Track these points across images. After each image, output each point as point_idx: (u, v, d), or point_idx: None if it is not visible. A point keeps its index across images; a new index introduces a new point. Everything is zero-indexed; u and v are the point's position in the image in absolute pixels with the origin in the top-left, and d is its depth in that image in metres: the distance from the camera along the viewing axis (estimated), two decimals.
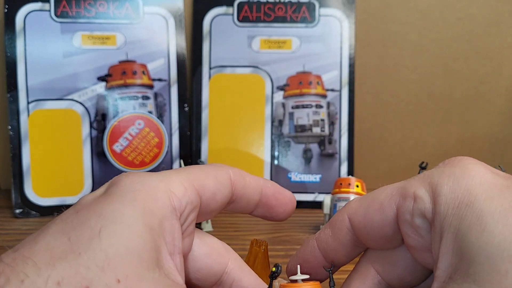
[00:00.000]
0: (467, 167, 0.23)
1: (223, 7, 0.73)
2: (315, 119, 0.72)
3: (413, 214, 0.23)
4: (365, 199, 0.26)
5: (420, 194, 0.23)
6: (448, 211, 0.21)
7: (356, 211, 0.25)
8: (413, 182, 0.24)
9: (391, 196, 0.24)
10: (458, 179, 0.22)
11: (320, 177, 0.72)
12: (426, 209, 0.22)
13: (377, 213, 0.24)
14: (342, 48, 0.72)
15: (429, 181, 0.23)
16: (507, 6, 0.77)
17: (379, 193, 0.25)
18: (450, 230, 0.21)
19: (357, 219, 0.25)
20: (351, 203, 0.26)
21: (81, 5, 0.69)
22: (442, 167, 0.24)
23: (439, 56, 0.78)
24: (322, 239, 0.27)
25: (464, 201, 0.21)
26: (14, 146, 0.66)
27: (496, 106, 0.80)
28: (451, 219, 0.21)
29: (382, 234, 0.25)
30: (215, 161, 0.72)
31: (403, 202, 0.23)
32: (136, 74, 0.69)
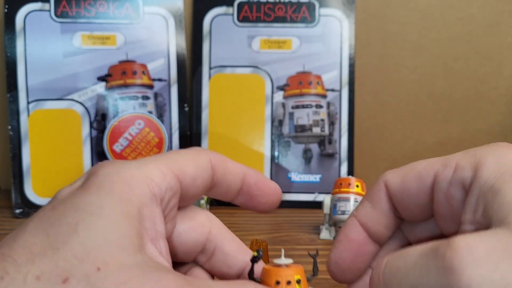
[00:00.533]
0: (506, 145, 0.24)
1: (223, 7, 0.73)
2: (315, 119, 0.72)
3: (451, 182, 0.24)
4: (402, 168, 0.26)
5: (462, 164, 0.24)
6: (490, 178, 0.22)
7: (393, 178, 0.26)
8: (456, 155, 0.25)
9: (430, 165, 0.25)
10: (502, 154, 0.23)
11: (320, 177, 0.72)
12: (465, 178, 0.23)
13: (415, 181, 0.25)
14: (342, 48, 0.72)
15: (473, 154, 0.24)
16: (507, 6, 0.77)
17: (417, 164, 0.26)
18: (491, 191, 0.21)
19: (394, 186, 0.26)
20: (387, 172, 0.27)
21: (81, 5, 0.69)
22: (485, 147, 0.24)
23: (439, 56, 0.78)
24: (361, 213, 0.27)
25: (508, 172, 0.21)
26: (14, 146, 0.66)
27: (496, 106, 0.80)
28: (493, 183, 0.21)
29: (417, 202, 0.25)
30: None
31: (442, 170, 0.24)
32: (136, 74, 0.69)
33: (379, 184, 0.26)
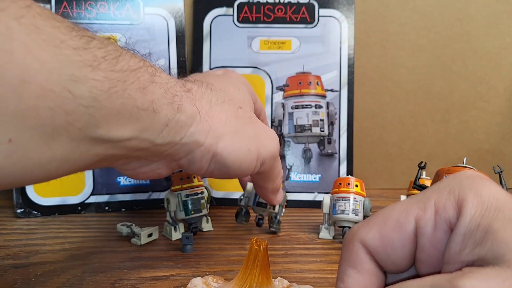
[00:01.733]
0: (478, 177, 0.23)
1: (223, 8, 0.73)
2: (314, 119, 0.72)
3: (436, 226, 0.22)
4: (374, 221, 0.24)
5: (442, 205, 0.22)
6: (475, 215, 0.21)
7: (369, 234, 0.24)
8: (428, 195, 0.23)
9: (407, 211, 0.23)
10: (479, 188, 0.22)
11: (320, 176, 0.72)
12: (450, 219, 0.22)
13: (395, 232, 0.23)
14: (341, 49, 0.73)
15: (449, 192, 0.23)
16: (505, 7, 0.77)
17: (389, 212, 0.24)
18: (479, 229, 0.21)
19: (374, 242, 0.24)
20: (359, 230, 0.24)
21: (81, 6, 0.69)
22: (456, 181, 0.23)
23: (437, 56, 0.79)
24: (350, 283, 0.24)
25: (492, 206, 0.21)
26: None
27: (495, 106, 0.80)
28: (479, 221, 0.21)
29: (402, 253, 0.23)
30: None
31: (423, 214, 0.23)
32: None
33: (355, 245, 0.24)
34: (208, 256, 0.52)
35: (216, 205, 0.71)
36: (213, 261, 0.51)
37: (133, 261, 0.50)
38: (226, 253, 0.53)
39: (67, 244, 0.55)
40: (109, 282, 0.45)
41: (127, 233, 0.56)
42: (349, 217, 0.56)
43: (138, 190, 0.70)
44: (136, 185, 0.70)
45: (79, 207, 0.68)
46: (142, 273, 0.47)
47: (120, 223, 0.58)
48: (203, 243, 0.56)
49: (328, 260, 0.52)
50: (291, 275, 0.47)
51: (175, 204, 0.57)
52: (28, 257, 0.51)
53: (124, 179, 0.70)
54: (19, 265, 0.49)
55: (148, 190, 0.70)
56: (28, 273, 0.47)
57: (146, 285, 0.45)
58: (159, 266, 0.49)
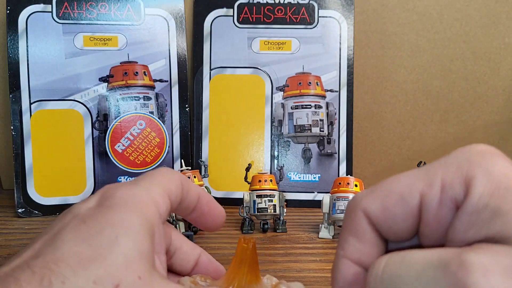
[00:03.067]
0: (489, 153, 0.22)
1: (223, 8, 0.73)
2: (314, 119, 0.72)
3: (441, 203, 0.22)
4: (378, 191, 0.24)
5: (449, 181, 0.22)
6: (484, 195, 0.20)
7: (372, 205, 0.23)
8: (436, 169, 0.22)
9: (412, 185, 0.23)
10: (489, 165, 0.21)
11: (319, 176, 0.72)
12: (457, 197, 0.21)
13: (398, 205, 0.23)
14: (341, 49, 0.73)
15: (458, 168, 0.22)
16: (504, 7, 0.78)
17: (393, 184, 0.23)
18: (487, 210, 0.20)
19: (375, 213, 0.23)
20: (362, 198, 0.24)
21: (82, 7, 0.69)
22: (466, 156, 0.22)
23: (436, 56, 0.79)
24: (350, 250, 0.24)
25: (502, 185, 0.20)
26: (17, 146, 0.67)
27: (493, 106, 0.81)
28: (487, 201, 0.20)
29: (404, 226, 0.23)
30: (216, 161, 0.73)
31: (428, 190, 0.22)
32: (138, 75, 0.70)
33: (357, 213, 0.24)
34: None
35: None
36: None
37: None
38: (227, 252, 0.53)
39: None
40: None
41: None
42: None
43: None
44: None
45: None
46: None
47: None
48: (203, 243, 0.56)
49: (328, 260, 0.52)
50: (291, 274, 0.48)
51: None
52: None
53: (125, 179, 0.70)
54: None
55: None
56: None
57: None
58: None
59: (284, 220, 0.60)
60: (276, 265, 0.50)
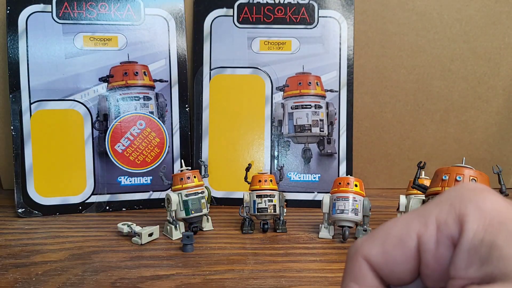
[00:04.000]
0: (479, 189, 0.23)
1: (223, 8, 0.73)
2: (314, 119, 0.72)
3: (439, 242, 0.22)
4: (376, 236, 0.24)
5: (443, 220, 0.22)
6: (478, 230, 0.21)
7: (372, 250, 0.24)
8: (429, 209, 0.23)
9: (408, 227, 0.23)
10: (480, 201, 0.22)
11: (319, 176, 0.72)
12: (453, 234, 0.22)
13: (397, 248, 0.23)
14: (341, 49, 0.73)
15: (450, 206, 0.22)
16: (504, 7, 0.78)
17: (391, 227, 0.24)
18: (483, 245, 0.20)
19: (377, 259, 0.23)
20: (362, 245, 0.24)
21: (82, 7, 0.69)
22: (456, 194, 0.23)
23: (436, 56, 0.79)
24: None
25: (495, 220, 0.21)
26: (17, 146, 0.67)
27: (494, 106, 0.81)
28: (482, 236, 0.21)
29: (405, 269, 0.23)
30: (216, 161, 0.73)
31: (425, 230, 0.23)
32: (138, 75, 0.70)
33: (358, 259, 0.24)
34: (209, 255, 0.52)
35: (216, 204, 0.72)
36: (213, 260, 0.51)
37: (134, 261, 0.51)
38: (227, 252, 0.53)
39: (68, 244, 0.55)
40: (109, 281, 0.45)
41: (128, 232, 0.57)
42: (348, 216, 0.57)
43: (139, 190, 0.70)
44: (136, 185, 0.70)
45: (80, 206, 0.68)
46: (142, 272, 0.47)
47: (121, 223, 0.58)
48: (204, 243, 0.56)
49: (328, 260, 0.52)
50: (291, 274, 0.48)
51: (175, 204, 0.57)
52: (29, 256, 0.51)
53: (125, 179, 0.70)
54: (20, 264, 0.49)
55: (148, 190, 0.71)
56: (29, 272, 0.47)
57: (147, 284, 0.45)
58: (159, 265, 0.49)
59: (284, 220, 0.60)
60: (276, 265, 0.50)
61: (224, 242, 0.57)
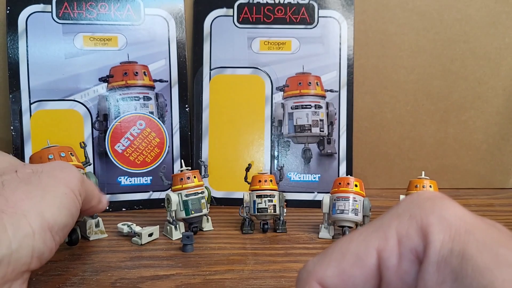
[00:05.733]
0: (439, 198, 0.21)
1: (223, 8, 0.73)
2: (314, 119, 0.72)
3: (401, 256, 0.20)
4: (331, 256, 0.22)
5: (405, 232, 0.20)
6: (445, 241, 0.19)
7: (325, 272, 0.21)
8: (387, 222, 0.21)
9: (366, 243, 0.21)
10: (443, 210, 0.20)
11: (319, 176, 0.72)
12: (417, 247, 0.20)
13: (356, 267, 0.21)
14: (341, 49, 0.73)
15: (410, 217, 0.21)
16: (504, 7, 0.78)
17: (346, 245, 0.22)
18: (453, 256, 0.19)
19: (332, 281, 0.21)
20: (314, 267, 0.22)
21: (82, 7, 0.69)
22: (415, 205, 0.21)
23: (437, 56, 0.79)
24: None
25: (461, 229, 0.20)
26: (17, 147, 0.67)
27: (494, 107, 0.81)
28: (451, 246, 0.19)
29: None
30: (216, 161, 0.73)
31: (385, 245, 0.21)
32: (138, 75, 0.70)
33: (311, 284, 0.21)
34: (209, 255, 0.52)
35: (216, 204, 0.72)
36: (213, 260, 0.51)
37: (134, 261, 0.51)
38: (227, 252, 0.53)
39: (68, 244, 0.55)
40: (110, 282, 0.45)
41: (128, 232, 0.57)
42: (348, 216, 0.57)
43: (139, 190, 0.70)
44: (136, 185, 0.70)
45: None
46: (142, 273, 0.47)
47: (121, 223, 0.58)
48: (204, 243, 0.56)
49: None
50: (291, 274, 0.48)
51: (175, 204, 0.57)
52: None
53: (125, 179, 0.70)
54: None
55: (148, 190, 0.71)
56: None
57: (147, 285, 0.45)
58: (159, 265, 0.49)
59: (284, 220, 0.60)
60: (276, 265, 0.50)
61: (224, 242, 0.57)
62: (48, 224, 0.33)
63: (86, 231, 0.57)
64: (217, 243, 0.56)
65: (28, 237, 0.31)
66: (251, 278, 0.46)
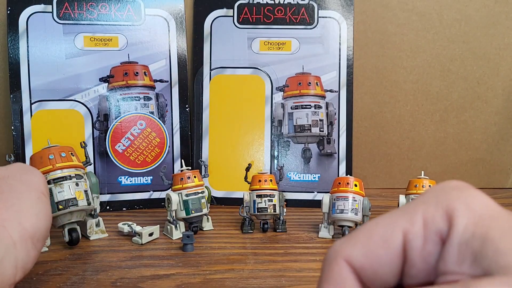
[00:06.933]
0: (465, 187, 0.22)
1: (223, 9, 0.73)
2: (314, 119, 0.73)
3: (426, 238, 0.21)
4: (358, 237, 0.23)
5: (431, 216, 0.21)
6: (468, 225, 0.20)
7: (353, 251, 0.22)
8: (415, 207, 0.22)
9: (392, 225, 0.22)
10: (468, 198, 0.21)
11: (319, 176, 0.73)
12: (441, 230, 0.21)
13: (382, 248, 0.22)
14: (340, 50, 0.73)
15: (437, 203, 0.22)
16: (504, 8, 0.78)
17: (373, 227, 0.23)
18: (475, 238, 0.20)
19: (359, 260, 0.22)
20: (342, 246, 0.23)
21: (83, 7, 0.69)
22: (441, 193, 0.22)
23: (436, 57, 0.79)
24: None
25: (485, 215, 0.20)
26: (17, 146, 0.67)
27: (493, 107, 0.81)
28: (473, 230, 0.20)
29: (391, 270, 0.22)
30: (216, 161, 0.73)
31: (411, 227, 0.22)
32: (138, 75, 0.70)
33: (338, 262, 0.22)
34: (209, 255, 0.53)
35: (216, 204, 0.72)
36: (213, 260, 0.51)
37: (134, 260, 0.51)
38: (227, 252, 0.54)
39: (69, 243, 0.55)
40: (110, 281, 0.45)
41: (128, 232, 0.57)
42: (348, 216, 0.57)
43: (139, 190, 0.70)
44: (137, 185, 0.70)
45: None
46: (143, 272, 0.48)
47: (121, 222, 0.58)
48: (204, 242, 0.56)
49: None
50: (291, 274, 0.48)
51: (176, 204, 0.58)
52: None
53: (125, 179, 0.70)
54: None
55: (149, 190, 0.71)
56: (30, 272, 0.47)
57: (147, 284, 0.45)
58: (160, 265, 0.50)
59: (284, 220, 0.61)
60: (276, 264, 0.50)
61: (224, 242, 0.57)
62: (29, 233, 0.33)
63: (86, 230, 0.57)
64: (217, 242, 0.57)
65: (10, 248, 0.30)
66: (251, 278, 0.47)
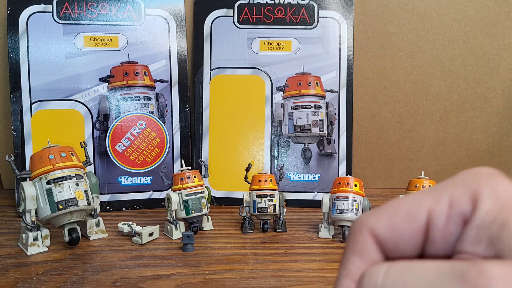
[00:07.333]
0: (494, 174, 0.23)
1: (224, 9, 0.73)
2: (314, 120, 0.73)
3: (449, 218, 0.22)
4: (384, 210, 0.24)
5: (457, 198, 0.22)
6: (491, 210, 0.21)
7: (379, 224, 0.23)
8: (443, 188, 0.23)
9: (420, 202, 0.23)
10: (496, 185, 0.22)
11: (319, 176, 0.73)
12: (465, 212, 0.22)
13: (406, 222, 0.23)
14: (340, 50, 0.73)
15: (465, 186, 0.23)
16: (504, 8, 0.78)
17: (400, 203, 0.24)
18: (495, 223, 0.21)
19: (383, 232, 0.23)
20: (368, 218, 0.24)
21: (83, 7, 0.69)
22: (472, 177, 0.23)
23: (436, 57, 0.79)
24: (353, 271, 0.24)
25: (509, 203, 0.21)
26: (17, 146, 0.67)
27: (493, 107, 0.81)
28: (495, 215, 0.21)
29: (412, 245, 0.23)
30: (216, 161, 0.73)
31: (436, 206, 0.23)
32: (138, 75, 0.70)
33: (362, 232, 0.24)
34: (209, 255, 0.53)
35: (216, 204, 0.72)
36: (213, 260, 0.51)
37: (134, 260, 0.51)
38: (227, 252, 0.54)
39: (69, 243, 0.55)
40: (110, 281, 0.45)
41: (128, 232, 0.57)
42: (348, 216, 0.57)
43: (139, 190, 0.70)
44: (137, 185, 0.70)
45: None
46: (143, 272, 0.48)
47: (121, 222, 0.58)
48: (204, 242, 0.56)
49: (328, 259, 0.52)
50: (291, 274, 0.48)
51: (176, 204, 0.58)
52: (30, 256, 0.52)
53: (125, 179, 0.70)
54: (20, 264, 0.49)
55: (149, 190, 0.71)
56: (30, 272, 0.47)
57: (147, 284, 0.45)
58: (160, 265, 0.50)
59: (284, 220, 0.61)
60: (276, 264, 0.50)
61: (224, 242, 0.57)
62: None
63: (86, 230, 0.57)
64: (217, 242, 0.57)
65: None
66: (251, 278, 0.47)
